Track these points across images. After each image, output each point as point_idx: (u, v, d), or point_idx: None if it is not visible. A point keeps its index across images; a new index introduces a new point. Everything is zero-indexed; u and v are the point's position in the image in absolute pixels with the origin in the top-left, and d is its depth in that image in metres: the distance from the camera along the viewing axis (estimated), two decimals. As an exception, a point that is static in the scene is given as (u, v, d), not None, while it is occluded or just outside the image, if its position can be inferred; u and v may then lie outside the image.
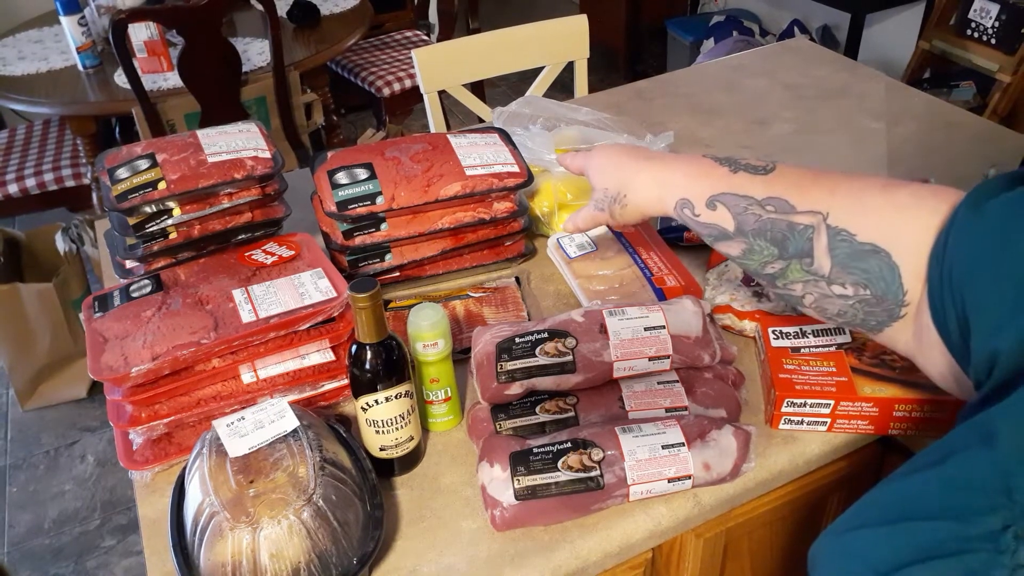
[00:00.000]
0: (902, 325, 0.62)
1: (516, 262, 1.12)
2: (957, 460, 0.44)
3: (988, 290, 0.50)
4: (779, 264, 0.68)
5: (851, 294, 0.64)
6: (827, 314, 0.67)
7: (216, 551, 0.67)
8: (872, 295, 0.62)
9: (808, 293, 0.67)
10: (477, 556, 0.75)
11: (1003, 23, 2.57)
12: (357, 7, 2.70)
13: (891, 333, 0.64)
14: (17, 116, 2.95)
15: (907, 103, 1.49)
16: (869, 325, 0.65)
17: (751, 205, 0.69)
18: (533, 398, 0.84)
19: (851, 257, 0.63)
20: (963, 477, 0.43)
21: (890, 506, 0.47)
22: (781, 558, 0.99)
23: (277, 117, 2.38)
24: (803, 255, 0.66)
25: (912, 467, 0.47)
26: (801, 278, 0.67)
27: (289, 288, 0.88)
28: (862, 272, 0.62)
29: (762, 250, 0.69)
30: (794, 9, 3.40)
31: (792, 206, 0.67)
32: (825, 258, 0.64)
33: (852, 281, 0.63)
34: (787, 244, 0.67)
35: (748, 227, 0.69)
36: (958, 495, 0.43)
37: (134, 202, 0.91)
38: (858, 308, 0.64)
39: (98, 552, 1.89)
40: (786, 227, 0.67)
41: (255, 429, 0.73)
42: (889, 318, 0.63)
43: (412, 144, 1.05)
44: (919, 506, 0.44)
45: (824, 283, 0.65)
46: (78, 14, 2.21)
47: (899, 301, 0.61)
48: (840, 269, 0.64)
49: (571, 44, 1.76)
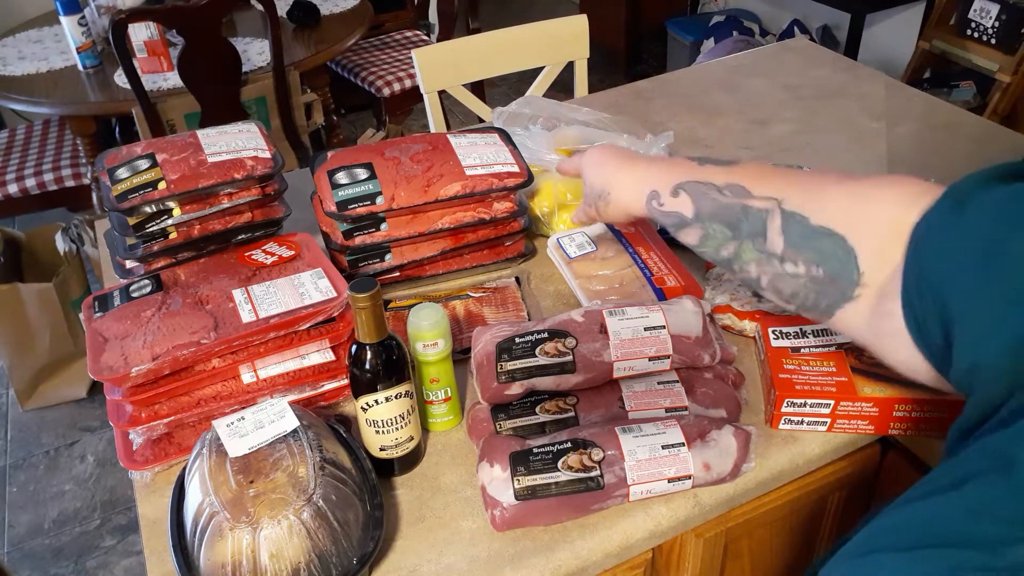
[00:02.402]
0: (855, 308, 0.62)
1: (516, 262, 1.12)
2: (975, 486, 0.43)
3: (971, 298, 0.50)
4: (733, 245, 0.70)
5: (803, 272, 0.64)
6: (783, 295, 0.68)
7: (216, 551, 0.67)
8: (825, 274, 0.63)
9: (763, 273, 0.68)
10: (477, 556, 0.75)
11: (1003, 23, 2.57)
12: (357, 7, 2.70)
13: (843, 316, 0.63)
14: (17, 116, 2.95)
15: (907, 103, 1.49)
16: (821, 307, 0.65)
17: (710, 190, 0.72)
18: (533, 398, 0.84)
19: (804, 238, 0.64)
20: (983, 505, 0.42)
21: (908, 531, 0.46)
22: (781, 558, 0.99)
23: (277, 117, 2.38)
24: (756, 235, 0.67)
25: (927, 490, 0.46)
26: (754, 257, 0.68)
27: (289, 288, 0.88)
28: (815, 251, 0.63)
29: (716, 234, 0.71)
30: (794, 9, 3.40)
31: (748, 191, 0.69)
32: (778, 237, 0.66)
33: (804, 259, 0.64)
34: (740, 225, 0.69)
35: (705, 212, 0.72)
36: (979, 524, 0.42)
37: (134, 202, 0.91)
38: (810, 287, 0.64)
39: (98, 552, 1.89)
40: (740, 210, 0.69)
41: (255, 429, 0.73)
42: (841, 298, 0.62)
43: (412, 144, 1.05)
44: (938, 533, 0.43)
45: (776, 261, 0.66)
46: (78, 14, 2.21)
47: (853, 281, 0.61)
48: (793, 249, 0.65)
49: (571, 44, 1.76)
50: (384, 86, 2.79)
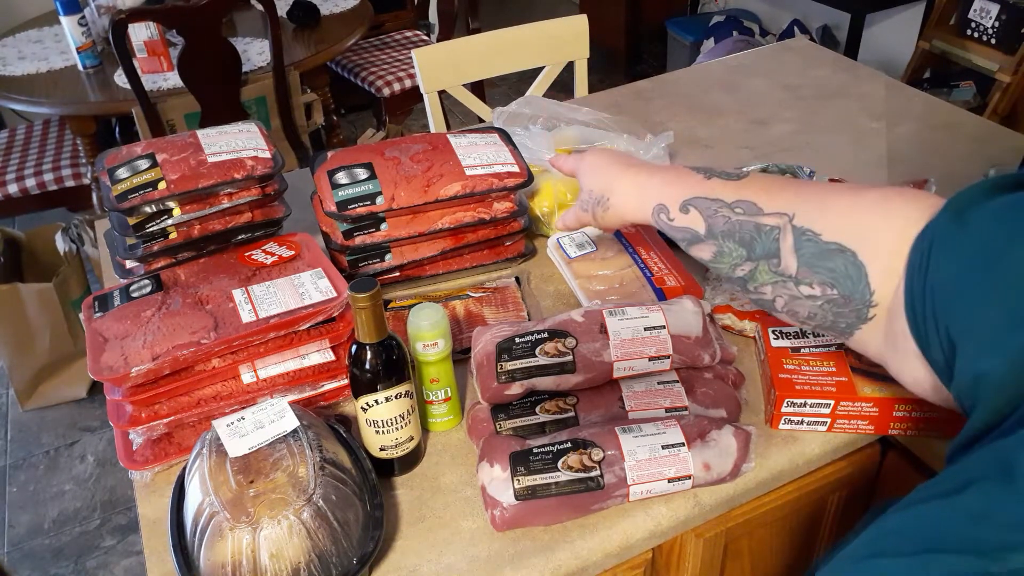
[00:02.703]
0: (872, 328, 0.62)
1: (516, 262, 1.12)
2: (976, 492, 0.43)
3: (974, 309, 0.49)
4: (748, 266, 0.69)
5: (819, 294, 0.64)
6: (799, 317, 0.68)
7: (216, 551, 0.67)
8: (839, 295, 0.62)
9: (778, 296, 0.67)
10: (477, 556, 0.75)
11: (1003, 23, 2.57)
12: (357, 7, 2.70)
13: (862, 336, 0.64)
14: (17, 116, 2.95)
15: (907, 103, 1.49)
16: (839, 328, 0.65)
17: (721, 208, 0.70)
18: (533, 398, 0.84)
19: (817, 256, 0.63)
20: (983, 510, 0.42)
21: (909, 535, 0.46)
22: (781, 558, 0.99)
23: (277, 117, 2.38)
24: (770, 256, 0.67)
25: (929, 493, 0.46)
26: (770, 280, 0.67)
27: (289, 288, 0.88)
28: (828, 271, 0.63)
29: (731, 252, 0.70)
30: (794, 9, 3.40)
31: (759, 208, 0.68)
32: (791, 258, 0.65)
33: (819, 281, 0.63)
34: (754, 245, 0.68)
35: (718, 229, 0.71)
36: (980, 529, 0.42)
37: (134, 202, 0.91)
38: (827, 309, 0.64)
39: (98, 552, 1.89)
40: (753, 228, 0.68)
41: (255, 429, 0.73)
42: (858, 319, 0.62)
43: (412, 144, 1.05)
44: (940, 538, 0.43)
45: (792, 284, 0.66)
46: (78, 14, 2.21)
47: (866, 301, 0.61)
48: (806, 269, 0.64)
49: (571, 44, 1.76)
50: (384, 86, 2.79)
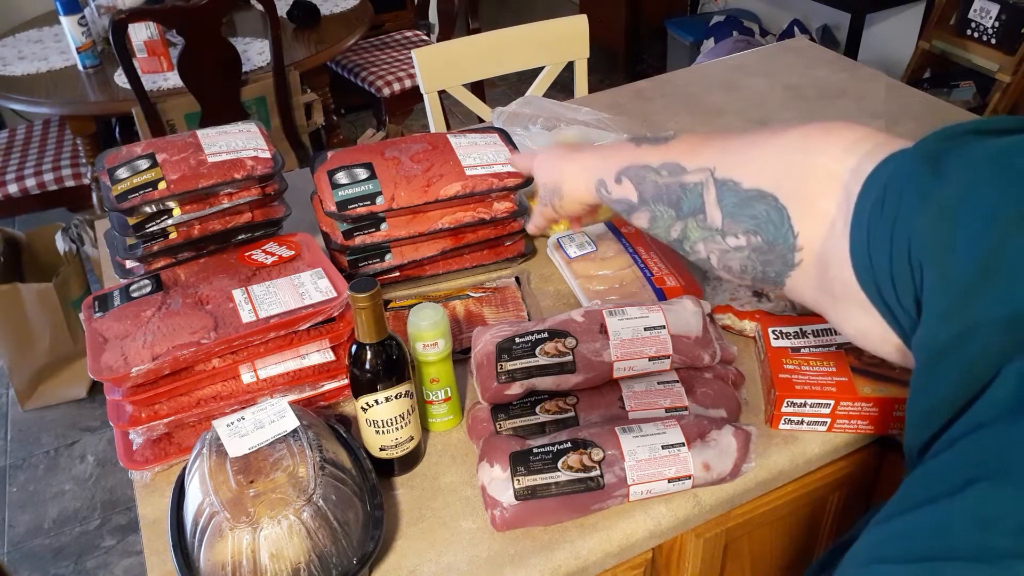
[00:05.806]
0: (801, 274, 0.61)
1: (516, 262, 1.12)
2: (975, 492, 0.42)
3: (959, 265, 0.47)
4: (679, 225, 0.69)
5: (744, 244, 0.63)
6: (734, 272, 0.67)
7: (216, 551, 0.67)
8: (763, 241, 0.61)
9: (711, 252, 0.67)
10: (477, 556, 0.75)
11: (1003, 23, 2.57)
12: (357, 7, 2.70)
13: (793, 284, 0.62)
14: (17, 116, 2.95)
15: (907, 103, 1.49)
16: (771, 277, 0.64)
17: (648, 172, 0.71)
18: (533, 398, 0.84)
19: (739, 205, 0.63)
20: (983, 513, 0.41)
21: (913, 540, 0.45)
22: (781, 558, 0.99)
23: (277, 117, 2.38)
24: (696, 212, 0.67)
25: (931, 493, 0.45)
26: (700, 236, 0.67)
27: (289, 288, 0.88)
28: (750, 219, 0.62)
29: (663, 215, 0.70)
30: (794, 9, 3.40)
31: (683, 167, 0.68)
32: (715, 210, 0.65)
33: (743, 230, 0.63)
34: (681, 204, 0.68)
35: (648, 195, 0.71)
36: (981, 534, 0.41)
37: (134, 202, 0.91)
38: (754, 259, 0.63)
39: (98, 552, 1.89)
40: (679, 187, 0.68)
41: (255, 429, 0.73)
42: (785, 266, 0.61)
43: (412, 144, 1.05)
44: (942, 544, 0.42)
45: (720, 237, 0.65)
46: (78, 14, 2.21)
47: (790, 245, 0.60)
48: (731, 220, 0.64)
49: (571, 44, 1.76)
50: (384, 86, 2.79)
